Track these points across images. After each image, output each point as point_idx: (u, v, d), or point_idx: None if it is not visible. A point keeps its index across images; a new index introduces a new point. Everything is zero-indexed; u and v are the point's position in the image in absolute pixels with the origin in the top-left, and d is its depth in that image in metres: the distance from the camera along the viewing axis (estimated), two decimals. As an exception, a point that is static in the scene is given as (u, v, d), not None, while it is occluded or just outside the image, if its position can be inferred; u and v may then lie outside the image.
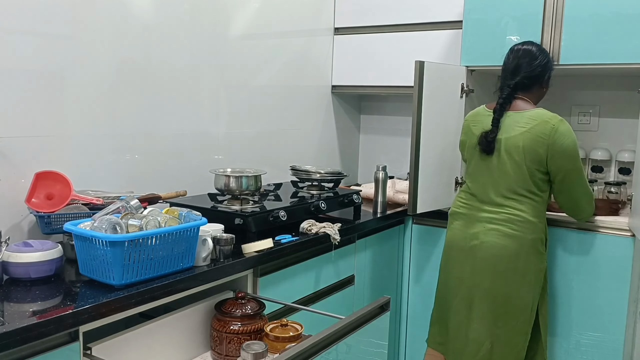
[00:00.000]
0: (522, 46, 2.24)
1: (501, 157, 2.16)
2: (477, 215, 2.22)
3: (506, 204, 2.17)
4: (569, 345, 2.47)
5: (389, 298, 1.65)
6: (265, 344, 1.56)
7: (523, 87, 2.21)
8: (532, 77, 2.21)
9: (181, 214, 1.70)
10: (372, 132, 3.52)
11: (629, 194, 2.60)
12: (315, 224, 2.16)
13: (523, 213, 2.15)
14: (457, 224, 2.29)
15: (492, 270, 2.16)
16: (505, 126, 2.16)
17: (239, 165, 2.55)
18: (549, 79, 2.27)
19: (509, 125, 2.16)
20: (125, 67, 2.15)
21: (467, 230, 2.24)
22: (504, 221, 2.16)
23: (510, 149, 2.14)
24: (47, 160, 1.90)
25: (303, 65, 3.06)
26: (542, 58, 2.22)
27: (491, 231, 2.17)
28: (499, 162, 2.17)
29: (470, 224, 2.23)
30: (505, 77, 2.24)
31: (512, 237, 2.14)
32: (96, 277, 1.52)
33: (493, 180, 2.19)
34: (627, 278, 2.32)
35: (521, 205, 2.15)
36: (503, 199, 2.17)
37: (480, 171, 2.24)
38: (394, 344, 2.82)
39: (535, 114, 2.15)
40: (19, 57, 1.82)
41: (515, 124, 2.15)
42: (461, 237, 2.25)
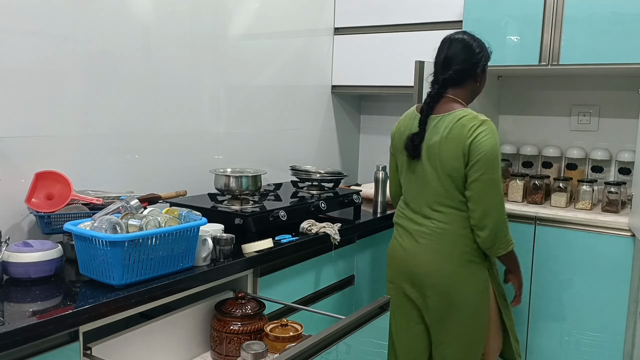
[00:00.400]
0: (454, 36, 2.00)
1: (424, 166, 1.97)
2: (409, 227, 2.05)
3: (432, 217, 1.98)
4: (569, 345, 2.47)
5: (389, 298, 1.65)
6: (265, 344, 1.56)
7: (453, 83, 1.97)
8: (463, 71, 1.96)
9: (181, 214, 1.70)
10: (372, 132, 3.52)
11: (629, 194, 2.60)
12: (315, 224, 2.16)
13: (447, 226, 1.95)
14: (395, 235, 2.13)
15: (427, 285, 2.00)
16: (428, 132, 1.96)
17: (239, 165, 2.55)
18: (484, 72, 2.02)
19: (431, 130, 1.95)
20: (125, 67, 2.15)
21: (401, 243, 2.08)
22: (429, 235, 1.98)
23: (430, 158, 1.95)
24: (47, 160, 1.90)
25: (303, 65, 3.06)
26: (474, 48, 1.98)
27: (422, 246, 1.99)
28: (422, 171, 1.99)
29: (405, 236, 2.07)
30: (435, 72, 2.01)
31: (438, 252, 1.96)
32: (96, 277, 1.52)
33: (420, 191, 2.01)
34: (627, 278, 2.32)
35: (446, 217, 1.95)
36: (430, 210, 1.99)
37: (409, 179, 2.05)
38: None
39: (454, 117, 1.92)
40: (19, 57, 1.82)
41: (436, 129, 1.94)
42: (398, 250, 2.09)
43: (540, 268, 2.51)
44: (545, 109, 3.00)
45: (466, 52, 1.97)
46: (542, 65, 2.54)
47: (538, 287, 2.52)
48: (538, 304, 2.53)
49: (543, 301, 2.51)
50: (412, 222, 2.05)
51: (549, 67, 2.52)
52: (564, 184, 2.70)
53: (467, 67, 1.98)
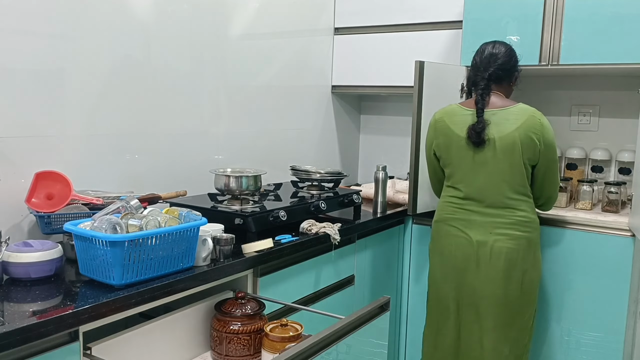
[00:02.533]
0: (493, 43, 2.22)
1: (497, 157, 2.10)
2: (479, 220, 2.15)
3: (510, 205, 2.12)
4: (569, 345, 2.47)
5: (389, 298, 1.65)
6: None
7: (497, 79, 2.17)
8: (506, 70, 2.18)
9: (181, 214, 1.70)
10: (372, 132, 3.52)
11: (629, 194, 2.60)
12: (315, 224, 2.16)
13: (527, 213, 2.14)
14: (455, 231, 2.20)
15: (505, 277, 2.12)
16: (495, 124, 2.11)
17: (239, 165, 2.55)
18: (517, 79, 2.27)
19: (498, 122, 2.11)
20: (125, 67, 2.15)
21: (471, 237, 2.16)
22: (513, 224, 2.12)
23: (507, 148, 2.09)
24: (47, 160, 1.90)
25: (303, 65, 3.06)
26: (512, 54, 2.21)
27: (499, 237, 2.12)
28: (495, 162, 2.11)
29: (474, 231, 2.15)
30: (478, 71, 2.18)
31: (521, 239, 2.12)
32: (96, 277, 1.52)
33: (492, 182, 2.12)
34: (627, 278, 2.32)
35: (523, 204, 2.13)
36: (506, 199, 2.12)
37: (474, 172, 2.15)
38: (394, 344, 2.82)
39: (520, 110, 2.13)
40: (20, 57, 1.82)
41: (505, 121, 2.11)
42: (466, 245, 2.17)
43: (540, 268, 2.51)
44: (545, 109, 2.98)
45: (508, 53, 2.20)
46: (542, 65, 2.54)
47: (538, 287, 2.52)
48: (538, 303, 2.52)
49: (543, 301, 2.51)
50: (483, 215, 2.15)
51: (549, 67, 2.52)
52: (564, 184, 2.70)
53: (509, 67, 2.20)
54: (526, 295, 2.17)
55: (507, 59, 2.18)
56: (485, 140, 2.10)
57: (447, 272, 2.23)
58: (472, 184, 2.17)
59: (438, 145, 2.24)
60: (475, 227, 2.16)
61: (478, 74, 2.18)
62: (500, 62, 2.17)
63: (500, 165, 2.11)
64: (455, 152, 2.18)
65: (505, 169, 2.11)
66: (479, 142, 2.11)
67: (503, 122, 2.11)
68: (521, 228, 2.12)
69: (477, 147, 2.12)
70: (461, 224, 2.19)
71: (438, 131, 2.23)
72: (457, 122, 2.18)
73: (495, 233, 2.12)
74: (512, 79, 2.23)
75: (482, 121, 2.10)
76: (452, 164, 2.21)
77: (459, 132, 2.16)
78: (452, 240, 2.21)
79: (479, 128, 2.10)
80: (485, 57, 2.18)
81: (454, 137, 2.18)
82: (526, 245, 2.13)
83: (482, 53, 2.20)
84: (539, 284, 2.23)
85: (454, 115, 2.20)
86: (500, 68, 2.16)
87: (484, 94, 2.14)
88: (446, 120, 2.21)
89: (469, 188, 2.18)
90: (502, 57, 2.17)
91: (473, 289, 2.17)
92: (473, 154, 2.14)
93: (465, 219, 2.18)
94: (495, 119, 2.12)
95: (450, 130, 2.19)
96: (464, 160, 2.17)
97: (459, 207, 2.20)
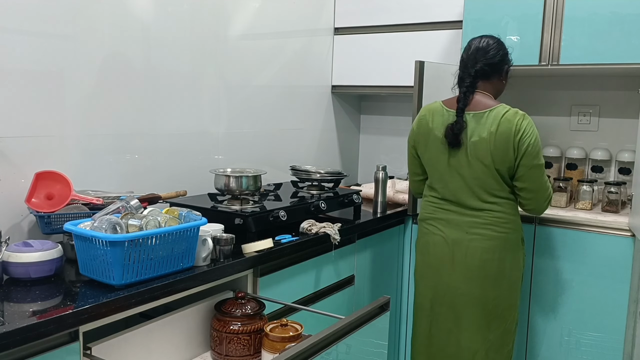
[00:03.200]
0: (480, 38, 2.14)
1: (470, 162, 2.05)
2: (456, 219, 2.12)
3: (486, 208, 2.07)
4: (569, 345, 2.47)
5: (388, 298, 1.65)
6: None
7: (484, 75, 2.09)
8: (493, 65, 2.09)
9: (181, 214, 1.70)
10: (372, 132, 3.52)
11: (629, 194, 2.60)
12: (315, 224, 2.16)
13: (504, 213, 2.08)
14: (433, 229, 2.17)
15: (481, 276, 2.09)
16: (470, 128, 2.04)
17: (239, 165, 2.55)
18: (507, 73, 2.17)
19: (473, 127, 2.04)
20: (125, 67, 2.15)
21: (447, 236, 2.13)
22: (487, 224, 2.08)
23: (479, 154, 2.03)
24: (47, 160, 1.90)
25: (303, 65, 3.06)
26: (501, 48, 2.12)
27: (475, 236, 2.08)
28: (469, 166, 2.06)
29: (451, 230, 2.13)
30: (465, 67, 2.11)
31: (496, 239, 2.07)
32: (96, 277, 1.52)
33: (466, 185, 2.08)
34: (627, 278, 2.32)
35: (500, 206, 2.07)
36: (481, 202, 2.07)
37: (449, 174, 2.11)
38: (394, 344, 2.82)
39: (498, 113, 2.02)
40: (19, 57, 1.82)
41: (480, 125, 2.03)
42: (442, 244, 2.15)
43: (540, 268, 2.51)
44: (545, 109, 3.00)
45: (496, 47, 2.12)
46: (542, 65, 2.54)
47: (538, 287, 2.52)
48: (538, 304, 2.53)
49: (543, 301, 2.51)
50: (460, 215, 2.12)
51: (549, 67, 2.52)
52: (564, 184, 2.70)
53: (497, 62, 2.11)
54: (505, 297, 2.13)
55: (494, 52, 2.10)
56: (461, 142, 2.05)
57: (424, 270, 2.23)
58: (448, 185, 2.13)
59: (418, 143, 2.20)
60: (453, 226, 2.13)
61: (465, 71, 2.11)
62: (488, 56, 2.09)
63: (474, 170, 2.05)
64: (433, 153, 2.14)
65: (479, 174, 2.05)
66: (455, 143, 2.05)
67: (477, 126, 2.04)
68: (497, 228, 2.07)
69: (452, 149, 2.07)
70: (440, 223, 2.16)
71: (420, 128, 2.18)
72: (437, 121, 2.12)
73: (471, 232, 2.09)
74: (501, 73, 2.14)
75: (460, 122, 2.04)
76: (429, 164, 2.18)
77: (437, 132, 2.11)
78: (430, 239, 2.19)
79: (457, 129, 2.04)
80: (472, 53, 2.11)
81: (431, 137, 2.13)
82: (502, 246, 2.09)
83: (469, 49, 2.13)
84: (519, 286, 2.19)
85: (435, 114, 2.14)
86: (487, 63, 2.08)
87: (468, 92, 2.07)
88: (428, 117, 2.16)
89: (445, 190, 2.14)
90: (490, 51, 2.09)
91: (448, 287, 2.15)
92: (448, 156, 2.09)
93: (444, 219, 2.15)
94: (473, 122, 2.05)
95: (429, 129, 2.13)
96: (439, 161, 2.13)
97: (438, 206, 2.18)
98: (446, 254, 2.14)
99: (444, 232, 2.14)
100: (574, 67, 2.50)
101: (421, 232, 2.25)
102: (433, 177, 2.19)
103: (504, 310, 2.14)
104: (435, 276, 2.18)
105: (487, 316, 2.12)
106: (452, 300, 2.16)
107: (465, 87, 2.08)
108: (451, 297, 2.15)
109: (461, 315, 2.15)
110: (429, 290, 2.21)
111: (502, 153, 2.01)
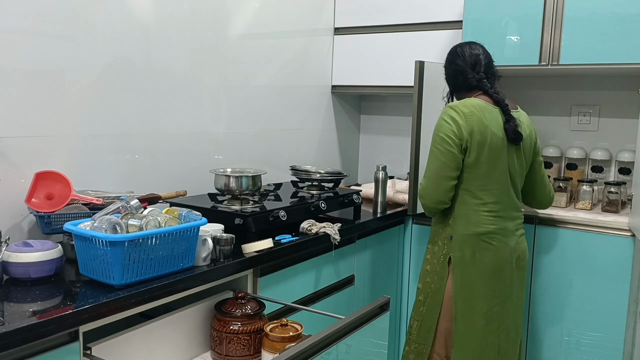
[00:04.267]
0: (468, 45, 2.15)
1: (519, 158, 2.09)
2: (508, 225, 2.08)
3: (520, 206, 2.16)
4: (569, 345, 2.47)
5: (388, 298, 1.65)
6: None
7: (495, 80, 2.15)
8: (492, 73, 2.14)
9: (181, 214, 1.70)
10: (372, 132, 3.52)
11: (629, 194, 2.60)
12: (315, 224, 2.16)
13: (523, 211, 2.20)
14: (496, 243, 2.05)
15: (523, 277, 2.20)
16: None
17: (239, 165, 2.55)
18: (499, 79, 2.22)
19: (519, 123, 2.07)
20: (125, 67, 2.15)
21: (507, 244, 2.07)
22: (522, 224, 2.17)
23: (526, 151, 2.12)
24: (47, 160, 1.90)
25: (303, 65, 3.06)
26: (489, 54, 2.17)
27: (522, 237, 2.16)
28: (520, 164, 2.10)
29: (508, 237, 2.07)
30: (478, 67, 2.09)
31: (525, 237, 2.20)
32: (96, 277, 1.52)
33: (512, 182, 2.08)
34: (627, 278, 2.32)
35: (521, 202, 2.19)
36: (518, 200, 2.14)
37: (501, 173, 2.04)
38: (394, 344, 2.82)
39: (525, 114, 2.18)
40: (19, 57, 1.82)
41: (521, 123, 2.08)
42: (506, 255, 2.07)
43: (540, 268, 2.51)
44: (545, 109, 3.00)
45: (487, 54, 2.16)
46: (542, 65, 2.54)
47: (538, 287, 2.52)
48: (538, 304, 2.53)
49: (543, 301, 2.51)
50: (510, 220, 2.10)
51: (549, 67, 2.52)
52: (564, 184, 2.70)
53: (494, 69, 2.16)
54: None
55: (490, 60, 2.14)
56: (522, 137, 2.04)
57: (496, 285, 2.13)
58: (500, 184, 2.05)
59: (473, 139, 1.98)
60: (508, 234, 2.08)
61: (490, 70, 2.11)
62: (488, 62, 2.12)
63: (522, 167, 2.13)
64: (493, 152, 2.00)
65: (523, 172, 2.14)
66: (519, 139, 2.02)
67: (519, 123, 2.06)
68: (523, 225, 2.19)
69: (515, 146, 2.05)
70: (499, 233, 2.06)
71: (476, 128, 1.97)
72: (488, 118, 2.00)
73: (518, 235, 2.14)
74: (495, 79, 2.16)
75: (513, 119, 2.03)
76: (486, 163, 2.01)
77: (494, 128, 2.00)
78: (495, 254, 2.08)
79: (514, 124, 2.01)
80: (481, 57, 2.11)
81: (487, 133, 1.98)
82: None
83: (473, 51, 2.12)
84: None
85: (484, 111, 2.00)
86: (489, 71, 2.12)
87: (499, 92, 2.07)
88: (478, 114, 1.99)
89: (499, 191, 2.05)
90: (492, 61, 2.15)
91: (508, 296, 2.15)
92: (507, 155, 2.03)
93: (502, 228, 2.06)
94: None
95: (486, 126, 1.98)
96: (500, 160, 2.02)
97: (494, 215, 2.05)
98: (510, 264, 2.09)
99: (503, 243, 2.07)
100: (574, 67, 2.50)
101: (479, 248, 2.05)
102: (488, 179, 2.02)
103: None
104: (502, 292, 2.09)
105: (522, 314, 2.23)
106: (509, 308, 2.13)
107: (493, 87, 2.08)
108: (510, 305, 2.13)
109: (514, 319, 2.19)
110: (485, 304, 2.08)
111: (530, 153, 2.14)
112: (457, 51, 2.15)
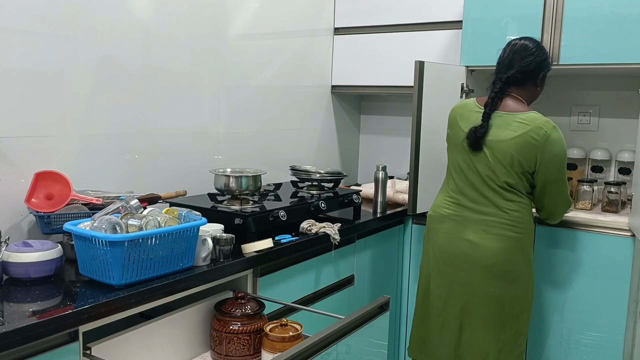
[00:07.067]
0: (519, 40, 2.14)
1: (489, 160, 2.07)
2: (469, 217, 2.12)
3: (502, 206, 2.08)
4: (569, 345, 2.47)
5: (388, 298, 1.65)
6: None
7: (516, 82, 2.10)
8: (526, 72, 2.10)
9: (181, 214, 1.70)
10: (372, 132, 3.52)
11: (629, 194, 2.60)
12: (315, 224, 2.16)
13: (520, 214, 2.09)
14: (445, 228, 2.18)
15: (495, 276, 2.09)
16: (496, 127, 2.07)
17: (238, 165, 2.55)
18: (544, 79, 2.17)
19: (499, 126, 2.06)
20: (125, 66, 2.15)
21: (459, 234, 2.14)
22: (503, 224, 2.08)
23: (498, 154, 2.05)
24: (47, 160, 1.90)
25: (303, 65, 3.06)
26: (538, 54, 2.11)
27: (489, 235, 2.09)
28: (487, 164, 2.08)
29: (463, 228, 2.13)
30: (499, 71, 2.14)
31: (512, 240, 2.08)
32: (96, 277, 1.52)
33: (483, 181, 2.09)
34: (627, 278, 2.32)
35: (517, 205, 2.08)
36: (499, 199, 2.08)
37: (468, 169, 2.13)
38: (394, 344, 2.82)
39: (528, 118, 2.05)
40: (19, 57, 1.82)
41: (506, 126, 2.05)
42: (454, 243, 2.15)
43: (540, 268, 2.50)
44: (545, 109, 2.98)
45: (531, 54, 2.10)
46: (542, 65, 2.53)
47: (538, 287, 2.52)
48: (538, 304, 2.53)
49: (543, 301, 2.51)
50: (474, 212, 2.12)
51: (549, 67, 2.52)
52: (564, 184, 2.70)
53: (530, 70, 2.10)
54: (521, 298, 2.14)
55: (531, 58, 2.09)
56: (482, 147, 2.08)
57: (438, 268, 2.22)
58: (466, 179, 2.14)
59: (448, 136, 2.25)
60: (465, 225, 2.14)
61: (497, 75, 2.14)
62: (523, 63, 2.09)
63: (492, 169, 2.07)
64: (454, 146, 2.19)
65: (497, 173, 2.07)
66: (476, 147, 2.09)
67: (503, 126, 2.06)
68: (514, 228, 2.09)
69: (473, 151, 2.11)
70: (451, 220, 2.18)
71: (450, 123, 2.23)
72: (465, 116, 2.15)
73: (484, 231, 2.10)
74: (536, 80, 2.14)
75: (485, 126, 2.07)
76: (451, 156, 2.22)
77: (464, 127, 2.14)
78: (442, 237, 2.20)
79: (480, 133, 2.07)
80: (507, 55, 2.12)
81: (457, 131, 2.17)
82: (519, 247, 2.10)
83: (506, 50, 2.14)
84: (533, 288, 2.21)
85: (465, 110, 2.18)
86: (521, 70, 2.09)
87: (496, 98, 2.09)
88: (457, 113, 2.20)
89: (462, 184, 2.16)
90: (527, 57, 2.09)
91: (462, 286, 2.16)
92: (469, 151, 2.12)
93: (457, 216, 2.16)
94: (498, 121, 2.07)
95: (457, 124, 2.17)
96: (459, 155, 2.16)
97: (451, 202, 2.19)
98: (458, 253, 2.14)
99: (455, 231, 2.15)
100: (574, 67, 2.50)
101: (432, 230, 2.24)
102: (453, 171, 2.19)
103: (518, 310, 2.14)
104: (446, 275, 2.18)
105: (502, 316, 2.12)
106: (461, 299, 2.15)
107: (494, 92, 2.10)
108: (461, 296, 2.15)
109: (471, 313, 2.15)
110: (440, 289, 2.20)
111: (523, 158, 2.03)
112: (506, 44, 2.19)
